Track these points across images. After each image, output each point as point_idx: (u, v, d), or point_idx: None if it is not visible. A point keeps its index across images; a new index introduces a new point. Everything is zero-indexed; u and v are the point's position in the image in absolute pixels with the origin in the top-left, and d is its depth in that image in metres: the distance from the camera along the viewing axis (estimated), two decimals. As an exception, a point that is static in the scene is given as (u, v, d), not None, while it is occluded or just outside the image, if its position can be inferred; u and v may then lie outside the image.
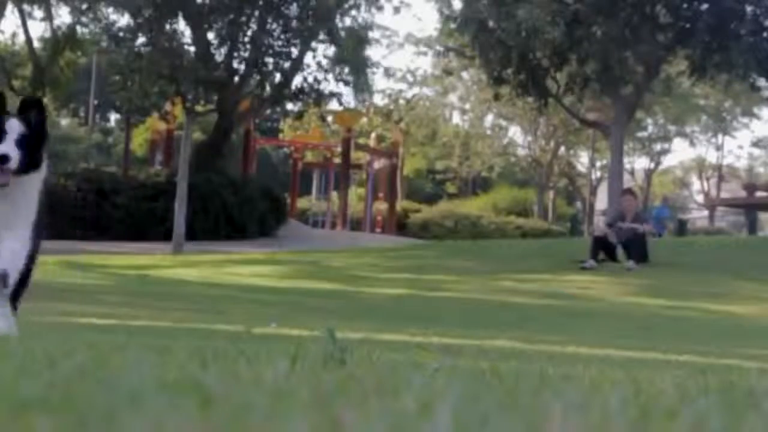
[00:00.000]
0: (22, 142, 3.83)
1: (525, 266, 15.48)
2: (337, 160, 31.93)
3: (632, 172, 50.01)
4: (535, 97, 24.84)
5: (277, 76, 22.97)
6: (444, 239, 29.46)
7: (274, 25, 22.51)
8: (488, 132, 45.46)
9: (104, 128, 59.80)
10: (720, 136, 52.11)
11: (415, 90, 44.66)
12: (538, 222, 38.27)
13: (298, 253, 18.22)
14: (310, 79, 23.05)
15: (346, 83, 24.27)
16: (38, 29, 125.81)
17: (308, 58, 23.53)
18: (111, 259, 17.21)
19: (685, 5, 23.13)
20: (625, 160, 30.02)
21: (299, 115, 26.45)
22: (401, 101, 44.22)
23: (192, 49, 21.92)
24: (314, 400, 1.41)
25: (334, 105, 26.29)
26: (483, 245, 20.77)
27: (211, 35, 22.16)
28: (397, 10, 27.55)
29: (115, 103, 44.16)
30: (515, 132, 45.89)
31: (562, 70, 24.24)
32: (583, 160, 50.03)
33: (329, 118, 33.58)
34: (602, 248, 15.40)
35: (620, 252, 15.45)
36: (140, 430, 1.14)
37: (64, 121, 55.35)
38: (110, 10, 22.14)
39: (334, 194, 32.62)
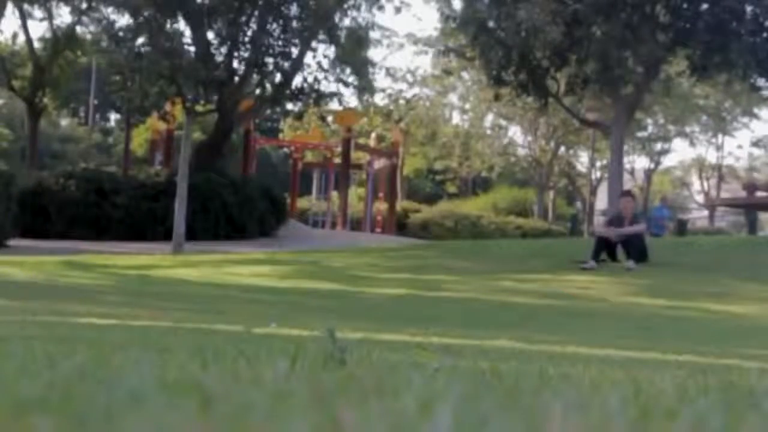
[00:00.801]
0: None
1: (525, 266, 15.47)
2: (337, 160, 31.92)
3: (632, 172, 50.00)
4: (535, 97, 24.83)
5: (277, 76, 22.98)
6: (444, 239, 29.45)
7: (274, 25, 22.51)
8: (488, 132, 45.46)
9: (104, 128, 59.83)
10: (720, 136, 52.13)
11: (415, 90, 44.71)
12: (538, 222, 38.27)
13: (298, 253, 18.22)
14: (310, 79, 23.07)
15: (346, 84, 24.28)
16: (38, 29, 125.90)
17: (308, 58, 23.57)
18: (111, 259, 17.21)
19: (685, 5, 23.12)
20: (625, 160, 30.02)
21: (299, 115, 26.45)
22: (401, 101, 44.24)
23: (192, 49, 21.92)
24: (314, 400, 1.41)
25: (334, 105, 26.31)
26: (483, 245, 20.77)
27: (211, 35, 22.16)
28: (398, 10, 27.60)
29: (115, 103, 44.27)
30: (515, 132, 45.93)
31: (562, 70, 24.24)
32: (583, 160, 50.05)
33: (329, 118, 33.61)
34: (605, 248, 15.39)
35: (620, 252, 15.45)
36: (140, 430, 1.14)
37: (64, 121, 55.39)
38: (110, 10, 22.15)
39: (334, 194, 32.61)
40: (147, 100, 21.66)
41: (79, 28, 28.30)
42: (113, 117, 62.82)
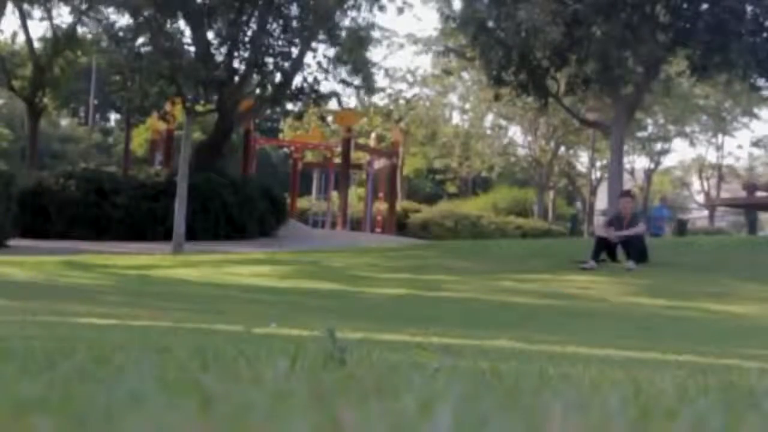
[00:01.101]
0: None
1: (525, 266, 15.47)
2: (337, 160, 31.93)
3: (632, 172, 50.00)
4: (535, 97, 24.83)
5: (277, 76, 22.97)
6: (444, 239, 29.45)
7: (274, 25, 22.51)
8: (488, 132, 45.46)
9: (104, 128, 59.83)
10: (720, 136, 52.13)
11: (415, 90, 44.70)
12: (538, 222, 38.26)
13: (298, 253, 18.22)
14: (310, 79, 23.06)
15: (347, 84, 24.27)
16: (38, 29, 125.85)
17: (308, 58, 23.56)
18: (111, 259, 17.21)
19: (685, 5, 23.12)
20: (625, 160, 30.02)
21: (299, 115, 26.43)
22: (401, 101, 44.23)
23: (192, 49, 21.91)
24: (314, 400, 1.41)
25: (333, 105, 26.30)
26: (483, 245, 20.77)
27: (211, 35, 22.16)
28: (400, 11, 27.57)
29: (115, 103, 44.25)
30: (515, 132, 45.93)
31: (562, 70, 24.24)
32: (583, 160, 50.06)
33: (329, 118, 33.59)
34: (605, 248, 15.39)
35: (620, 252, 15.45)
36: (140, 430, 1.14)
37: (64, 121, 55.38)
38: (110, 10, 22.14)
39: (334, 194, 32.62)
40: (147, 100, 21.65)
41: (79, 28, 28.29)
42: (113, 117, 62.86)
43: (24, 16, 28.39)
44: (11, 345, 2.89)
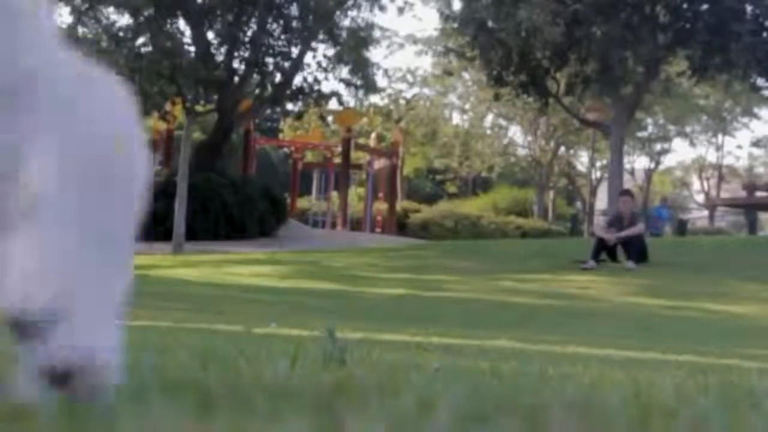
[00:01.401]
0: None
1: (525, 266, 15.47)
2: (337, 160, 31.93)
3: (632, 172, 50.01)
4: (535, 97, 24.84)
5: (277, 76, 22.97)
6: (444, 239, 29.45)
7: (274, 25, 22.50)
8: (488, 132, 45.47)
9: (104, 128, 59.78)
10: (720, 136, 52.15)
11: (415, 90, 44.71)
12: (538, 222, 38.26)
13: (298, 253, 18.22)
14: (310, 79, 23.06)
15: (347, 83, 24.26)
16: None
17: (308, 58, 23.56)
18: (111, 259, 17.17)
19: (685, 5, 23.13)
20: (625, 160, 30.03)
21: (299, 115, 26.43)
22: (401, 101, 44.24)
23: (192, 49, 21.92)
24: (314, 400, 1.41)
25: (334, 105, 26.31)
26: (483, 245, 20.77)
27: (211, 35, 22.16)
28: (400, 11, 27.57)
29: (115, 103, 44.17)
30: (515, 132, 45.94)
31: (562, 70, 24.25)
32: (583, 160, 50.06)
33: (329, 118, 33.59)
34: (604, 248, 15.39)
35: (620, 252, 15.45)
36: (140, 430, 1.14)
37: (64, 121, 55.38)
38: (110, 10, 22.13)
39: (334, 194, 32.62)
40: (149, 101, 21.64)
41: (79, 28, 28.27)
42: (113, 117, 62.79)
43: (24, 16, 28.39)
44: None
